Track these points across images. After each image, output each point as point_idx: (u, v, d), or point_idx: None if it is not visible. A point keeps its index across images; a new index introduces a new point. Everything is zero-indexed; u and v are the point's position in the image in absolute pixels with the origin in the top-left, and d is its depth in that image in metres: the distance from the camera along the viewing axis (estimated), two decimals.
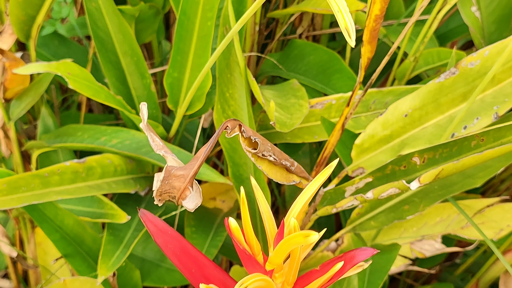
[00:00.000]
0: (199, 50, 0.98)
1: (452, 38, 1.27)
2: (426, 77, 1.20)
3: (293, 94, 1.04)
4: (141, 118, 0.66)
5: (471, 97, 0.83)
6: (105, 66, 1.07)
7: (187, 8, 0.95)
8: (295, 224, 0.52)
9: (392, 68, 1.18)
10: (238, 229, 0.54)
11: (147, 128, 0.66)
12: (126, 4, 1.42)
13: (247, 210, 0.54)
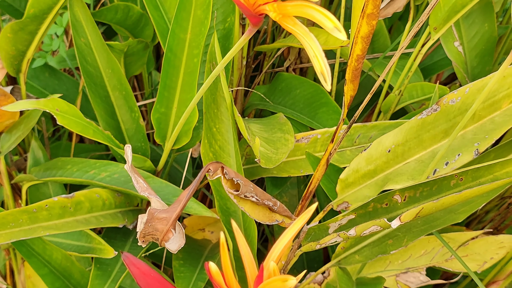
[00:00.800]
0: (185, 86, 0.99)
1: (437, 70, 1.29)
2: (411, 109, 1.22)
3: (279, 128, 1.05)
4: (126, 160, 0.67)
5: (452, 134, 0.84)
6: (94, 100, 1.09)
7: (174, 46, 0.96)
8: (274, 268, 0.53)
9: (378, 101, 1.20)
10: (219, 274, 0.55)
11: (131, 170, 0.68)
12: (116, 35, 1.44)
13: (227, 255, 0.55)
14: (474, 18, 1.09)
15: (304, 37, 0.59)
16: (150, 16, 1.06)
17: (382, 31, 1.26)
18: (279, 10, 0.59)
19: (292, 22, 0.59)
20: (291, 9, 0.58)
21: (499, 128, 0.86)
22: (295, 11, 0.58)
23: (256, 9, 0.62)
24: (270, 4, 0.59)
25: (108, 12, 1.20)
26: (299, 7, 0.58)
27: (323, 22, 0.57)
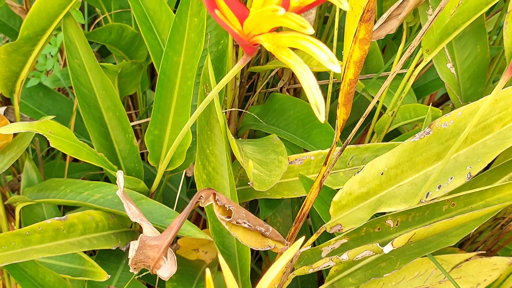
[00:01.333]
0: (179, 109, 1.00)
1: (430, 91, 1.29)
2: (405, 130, 1.22)
3: (273, 149, 1.05)
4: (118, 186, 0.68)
5: (444, 158, 0.85)
6: (87, 121, 1.09)
7: (167, 68, 0.97)
8: None
9: (371, 121, 1.20)
10: None
11: (123, 196, 0.68)
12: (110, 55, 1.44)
13: None
14: (466, 40, 1.10)
15: (299, 68, 0.59)
16: (143, 38, 1.07)
17: (375, 51, 1.26)
18: (273, 41, 0.59)
19: (286, 53, 0.59)
20: (285, 40, 0.59)
21: (491, 152, 0.87)
22: (289, 43, 0.59)
23: (251, 39, 0.62)
24: (265, 35, 0.60)
25: (102, 33, 1.20)
26: (293, 39, 0.58)
27: (317, 54, 0.57)
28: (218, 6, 0.59)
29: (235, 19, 0.61)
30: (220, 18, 0.59)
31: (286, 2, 0.57)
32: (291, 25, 0.55)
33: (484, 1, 0.98)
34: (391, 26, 1.06)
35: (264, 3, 0.60)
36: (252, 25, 0.60)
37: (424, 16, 1.07)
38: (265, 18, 0.58)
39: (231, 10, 0.60)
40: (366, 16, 0.75)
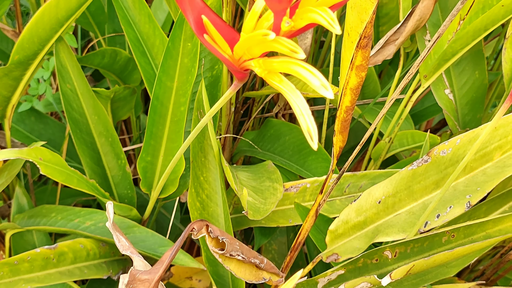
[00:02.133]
0: (172, 135, 0.98)
1: (427, 116, 1.27)
2: (402, 157, 1.20)
3: (268, 176, 1.03)
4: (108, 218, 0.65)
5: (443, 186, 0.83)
6: (79, 147, 1.07)
7: (160, 94, 0.95)
8: None
9: (368, 147, 1.18)
10: None
11: (113, 228, 0.65)
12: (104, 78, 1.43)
13: None
14: (464, 65, 1.08)
15: (290, 94, 0.57)
16: (137, 63, 1.05)
17: (372, 76, 1.25)
18: (264, 66, 0.57)
19: (278, 78, 0.57)
20: (277, 66, 0.57)
21: (491, 180, 0.85)
22: (281, 68, 0.57)
23: (241, 65, 0.60)
24: (256, 60, 0.58)
25: (95, 57, 1.19)
26: (285, 64, 0.56)
27: (309, 80, 0.55)
28: (207, 30, 0.57)
29: (225, 44, 0.59)
30: (209, 43, 0.58)
31: (277, 26, 0.55)
32: (282, 50, 0.54)
33: (482, 26, 0.97)
34: (388, 52, 1.04)
35: (254, 27, 0.59)
36: (242, 50, 0.58)
37: (422, 41, 1.06)
38: (256, 43, 0.56)
39: (221, 35, 0.58)
40: (363, 43, 0.73)
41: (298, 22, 0.54)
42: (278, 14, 0.54)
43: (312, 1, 0.53)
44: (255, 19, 0.58)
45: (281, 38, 0.54)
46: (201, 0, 0.56)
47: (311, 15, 0.52)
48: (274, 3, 0.52)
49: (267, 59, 0.58)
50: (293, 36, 0.57)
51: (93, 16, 1.30)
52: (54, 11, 0.94)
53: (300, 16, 0.54)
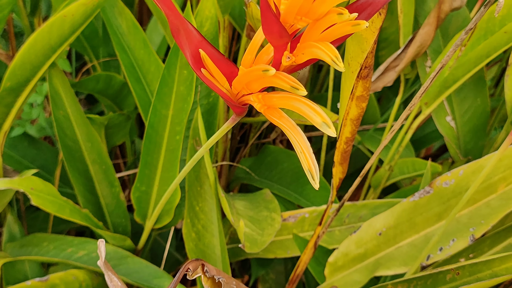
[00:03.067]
0: (167, 164, 0.95)
1: (428, 143, 1.25)
2: (403, 185, 1.18)
3: (265, 206, 1.01)
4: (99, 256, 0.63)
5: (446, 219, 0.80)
6: (72, 174, 1.04)
7: (155, 122, 0.92)
8: None
9: (367, 174, 1.16)
10: None
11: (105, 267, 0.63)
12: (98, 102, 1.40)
13: None
14: (466, 92, 1.06)
15: (291, 131, 0.55)
16: (131, 89, 1.03)
17: (371, 102, 1.23)
18: (264, 101, 0.55)
19: (278, 114, 0.55)
20: (277, 101, 0.54)
21: (495, 213, 0.83)
22: (281, 103, 0.54)
23: (240, 99, 0.58)
24: (255, 95, 0.56)
25: (89, 82, 1.16)
26: (285, 100, 0.54)
27: (311, 116, 0.53)
28: (204, 64, 0.55)
29: (223, 78, 0.57)
30: (207, 78, 0.55)
31: (277, 61, 0.53)
32: (283, 86, 0.51)
33: (485, 53, 0.95)
34: (388, 78, 1.02)
35: (253, 61, 0.56)
36: (241, 85, 0.56)
37: (423, 68, 1.04)
38: (255, 78, 0.54)
39: (219, 69, 0.56)
40: (364, 73, 0.71)
41: (299, 57, 0.52)
42: (278, 49, 0.52)
43: (314, 35, 0.51)
44: (254, 52, 0.56)
45: (281, 74, 0.52)
46: (198, 33, 0.54)
47: (313, 50, 0.50)
48: (274, 38, 0.50)
49: (266, 94, 0.55)
50: (295, 71, 0.55)
51: (87, 39, 1.27)
52: (47, 38, 0.92)
53: (302, 50, 0.51)
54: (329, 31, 0.51)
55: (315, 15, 0.49)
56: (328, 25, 0.50)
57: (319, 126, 0.52)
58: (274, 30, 0.49)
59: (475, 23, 0.67)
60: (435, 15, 0.97)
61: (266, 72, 0.51)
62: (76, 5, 0.88)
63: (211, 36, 0.95)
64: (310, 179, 0.54)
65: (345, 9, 0.48)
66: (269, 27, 0.49)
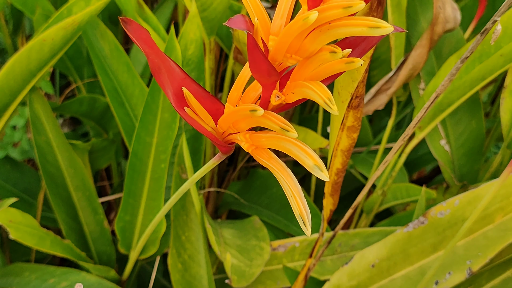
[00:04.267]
0: (152, 193, 0.92)
1: (421, 165, 1.22)
2: (396, 210, 1.15)
3: (254, 234, 0.97)
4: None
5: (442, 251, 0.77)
6: (54, 202, 1.01)
7: (139, 150, 0.89)
8: None
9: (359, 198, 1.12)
10: None
11: None
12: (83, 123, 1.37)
13: None
14: (461, 115, 1.03)
15: (281, 174, 0.51)
16: (114, 114, 0.99)
17: (363, 123, 1.19)
18: (252, 141, 0.52)
19: (266, 155, 0.52)
20: (265, 141, 0.51)
21: (493, 245, 0.79)
22: (271, 144, 0.51)
23: (226, 138, 0.54)
24: (242, 134, 0.52)
25: (72, 105, 1.13)
26: (275, 140, 0.51)
27: (302, 158, 0.50)
28: (188, 103, 0.52)
29: (208, 116, 0.54)
30: (190, 117, 0.52)
31: (266, 100, 0.50)
32: (272, 127, 0.48)
33: (480, 76, 0.92)
34: (379, 102, 0.99)
35: (240, 98, 0.53)
36: (227, 124, 0.53)
37: (416, 90, 1.01)
38: (242, 117, 0.51)
39: (204, 107, 0.53)
40: (355, 103, 0.68)
41: (289, 96, 0.48)
42: (267, 87, 0.49)
43: (305, 73, 0.47)
44: (241, 88, 0.53)
45: (270, 114, 0.48)
46: (181, 70, 0.51)
47: (304, 90, 0.47)
48: (262, 76, 0.47)
49: (254, 133, 0.52)
50: (285, 109, 0.52)
51: (71, 60, 1.24)
52: (26, 63, 0.88)
53: (292, 90, 0.48)
54: (321, 68, 0.48)
55: (306, 53, 0.46)
56: (319, 63, 0.46)
57: (311, 169, 0.49)
58: (262, 69, 0.46)
59: (471, 51, 0.64)
60: (428, 37, 0.94)
61: (253, 112, 0.47)
62: (56, 29, 0.85)
63: (196, 59, 0.91)
64: (302, 226, 0.51)
65: (338, 47, 0.45)
66: (256, 66, 0.46)
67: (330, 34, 0.44)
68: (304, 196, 0.48)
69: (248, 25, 0.44)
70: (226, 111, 0.52)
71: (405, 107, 1.14)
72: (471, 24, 1.03)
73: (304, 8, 0.46)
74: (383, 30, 0.42)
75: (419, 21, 1.02)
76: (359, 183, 1.21)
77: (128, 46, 1.43)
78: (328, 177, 0.48)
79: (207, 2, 0.92)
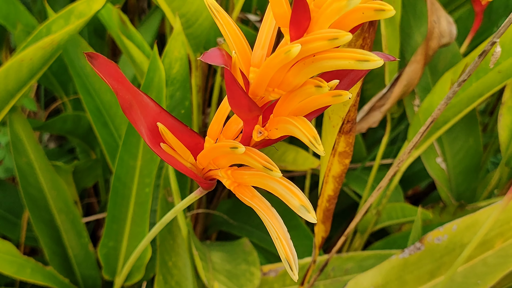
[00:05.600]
0: (136, 218, 0.88)
1: (417, 182, 1.19)
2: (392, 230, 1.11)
3: (244, 258, 0.94)
4: None
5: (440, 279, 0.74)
6: (37, 226, 0.97)
7: (122, 174, 0.85)
8: None
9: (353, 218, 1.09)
10: None
11: None
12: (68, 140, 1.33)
13: None
14: (457, 132, 1.00)
15: (265, 214, 0.48)
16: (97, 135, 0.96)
17: (356, 139, 1.16)
18: (234, 177, 0.48)
19: (249, 194, 0.48)
20: (248, 179, 0.48)
21: (492, 272, 0.76)
22: (254, 182, 0.47)
23: (206, 174, 0.51)
24: (223, 171, 0.48)
25: (56, 124, 1.09)
26: (258, 178, 0.47)
27: (287, 198, 0.46)
28: (164, 139, 0.48)
29: (187, 152, 0.50)
30: (167, 154, 0.48)
31: (247, 134, 0.46)
32: (254, 165, 0.44)
33: (477, 93, 0.88)
34: (373, 119, 0.96)
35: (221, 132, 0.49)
36: (207, 160, 0.49)
37: (410, 107, 0.97)
38: (222, 154, 0.47)
39: (181, 142, 0.49)
40: (346, 128, 0.65)
41: (272, 132, 0.45)
42: (248, 123, 0.45)
43: (289, 107, 0.44)
44: (221, 121, 0.49)
45: (252, 151, 0.45)
46: (156, 104, 0.47)
47: (288, 127, 0.43)
48: (243, 112, 0.43)
49: (236, 170, 0.48)
50: (269, 145, 0.48)
51: (55, 75, 1.20)
52: (3, 83, 0.84)
53: (275, 125, 0.44)
54: (306, 102, 0.44)
55: (289, 87, 0.42)
56: (304, 97, 0.43)
57: (297, 210, 0.46)
58: (242, 104, 0.42)
59: (469, 74, 0.61)
60: (423, 52, 0.91)
61: (234, 150, 0.44)
62: (34, 49, 0.81)
63: (182, 78, 0.88)
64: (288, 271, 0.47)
65: (323, 81, 0.41)
66: (236, 101, 0.42)
67: (315, 67, 0.40)
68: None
69: (225, 59, 0.40)
70: (206, 145, 0.49)
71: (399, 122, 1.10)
72: (467, 38, 1.00)
73: (286, 38, 0.42)
74: (372, 64, 0.38)
75: (413, 35, 0.99)
76: (352, 200, 1.17)
77: (116, 58, 1.39)
78: (315, 219, 0.45)
79: (192, 18, 0.88)
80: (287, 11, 0.41)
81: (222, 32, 0.44)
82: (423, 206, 1.03)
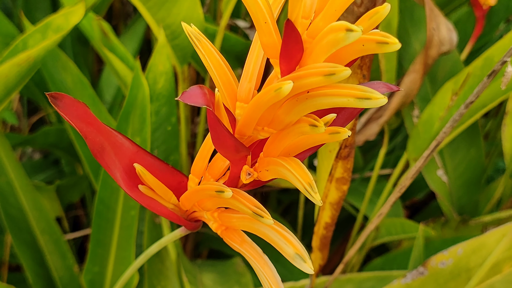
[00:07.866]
0: (122, 242, 0.83)
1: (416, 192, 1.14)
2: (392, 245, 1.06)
3: (237, 280, 0.89)
4: None
5: None
6: (19, 248, 0.92)
7: (106, 196, 0.80)
8: None
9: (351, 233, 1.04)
10: None
11: None
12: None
13: None
14: (458, 143, 0.95)
15: (256, 262, 0.43)
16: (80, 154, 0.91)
17: None
18: (221, 220, 0.44)
19: (238, 239, 0.44)
20: (237, 223, 0.43)
21: None
22: (243, 226, 0.43)
23: (191, 216, 0.46)
24: (209, 213, 0.44)
25: (37, 138, 1.04)
26: (248, 222, 0.42)
27: (281, 245, 0.41)
28: (142, 180, 0.43)
29: (168, 192, 0.45)
30: (146, 196, 0.43)
31: (235, 174, 0.41)
32: (243, 210, 0.40)
33: (480, 104, 0.84)
34: (370, 131, 0.91)
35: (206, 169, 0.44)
36: (191, 203, 0.44)
37: (409, 118, 0.92)
38: (208, 197, 0.42)
39: (162, 182, 0.44)
40: (344, 153, 0.60)
41: (263, 173, 0.40)
42: (235, 164, 0.40)
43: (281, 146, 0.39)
44: (206, 158, 0.44)
45: (240, 195, 0.40)
46: (132, 143, 0.42)
47: (280, 169, 0.38)
48: (229, 153, 0.38)
49: (224, 212, 0.44)
50: (259, 186, 0.43)
51: (38, 85, 1.15)
52: None
53: (266, 166, 0.40)
54: (300, 140, 0.39)
55: (280, 125, 0.37)
56: (297, 136, 0.38)
57: (291, 259, 0.41)
58: (227, 145, 0.37)
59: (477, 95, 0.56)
60: (422, 61, 0.86)
61: (220, 194, 0.39)
62: (9, 66, 0.76)
63: (167, 93, 0.83)
64: None
65: (318, 119, 0.36)
66: (220, 142, 0.37)
67: (309, 105, 0.35)
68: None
69: (207, 98, 0.36)
70: (190, 185, 0.44)
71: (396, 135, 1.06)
72: (468, 44, 0.95)
73: (276, 71, 0.37)
74: (374, 102, 0.34)
75: (411, 42, 0.94)
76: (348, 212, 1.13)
77: (101, 66, 1.34)
78: (313, 270, 0.40)
79: (178, 30, 0.83)
80: (277, 41, 0.36)
81: (204, 64, 0.39)
82: (422, 217, 0.99)
